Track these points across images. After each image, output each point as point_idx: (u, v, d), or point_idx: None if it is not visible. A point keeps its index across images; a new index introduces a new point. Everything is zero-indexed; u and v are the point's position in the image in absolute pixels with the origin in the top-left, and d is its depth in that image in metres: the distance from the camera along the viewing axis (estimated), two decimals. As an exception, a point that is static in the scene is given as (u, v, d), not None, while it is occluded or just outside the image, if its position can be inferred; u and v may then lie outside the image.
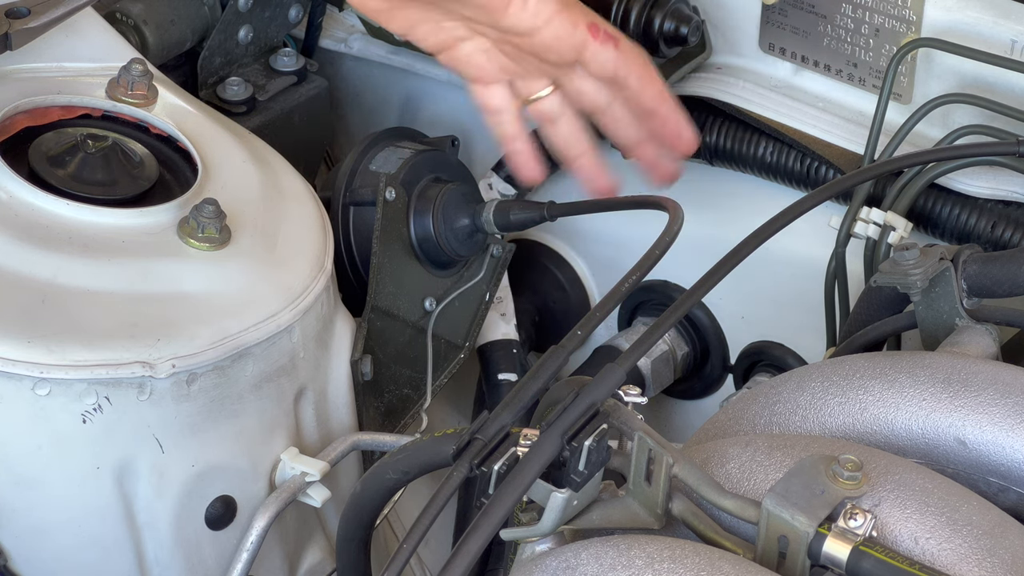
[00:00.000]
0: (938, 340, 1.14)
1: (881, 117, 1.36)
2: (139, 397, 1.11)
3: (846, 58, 1.42)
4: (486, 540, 0.83)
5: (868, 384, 1.03)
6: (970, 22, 1.35)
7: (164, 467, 1.14)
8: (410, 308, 1.40)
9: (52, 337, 1.10)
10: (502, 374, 1.54)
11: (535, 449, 0.87)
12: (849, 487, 0.87)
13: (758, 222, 1.02)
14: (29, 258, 1.13)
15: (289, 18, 1.55)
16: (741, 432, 1.05)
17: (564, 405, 0.89)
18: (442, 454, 0.99)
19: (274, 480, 1.21)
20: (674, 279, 1.56)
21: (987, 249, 1.28)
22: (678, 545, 0.87)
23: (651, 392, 1.56)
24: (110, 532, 1.15)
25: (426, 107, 1.70)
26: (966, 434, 0.99)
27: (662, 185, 1.39)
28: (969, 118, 1.35)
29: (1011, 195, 1.36)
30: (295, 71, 1.53)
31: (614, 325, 1.62)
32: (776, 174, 1.47)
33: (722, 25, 1.48)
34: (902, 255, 1.13)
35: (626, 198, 1.32)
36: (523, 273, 1.62)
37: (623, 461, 0.93)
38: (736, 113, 1.46)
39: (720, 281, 0.98)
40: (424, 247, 1.41)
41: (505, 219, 1.42)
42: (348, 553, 1.12)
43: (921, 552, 0.88)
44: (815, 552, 0.86)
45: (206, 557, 1.19)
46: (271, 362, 1.18)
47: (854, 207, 1.36)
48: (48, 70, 1.31)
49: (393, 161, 1.44)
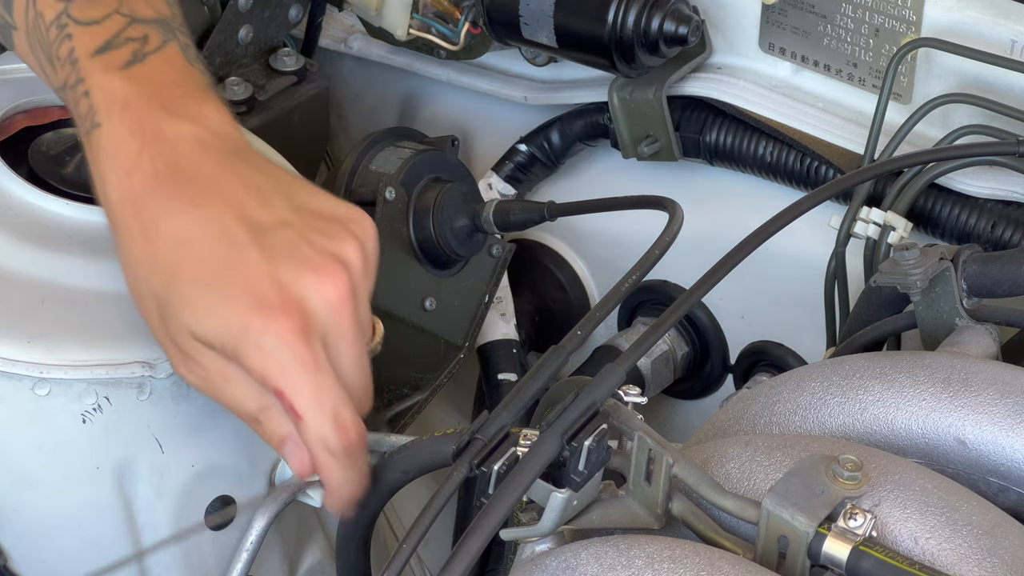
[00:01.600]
0: (938, 340, 1.14)
1: (881, 117, 1.36)
2: (139, 397, 1.11)
3: (846, 58, 1.42)
4: (486, 540, 0.83)
5: (868, 384, 1.03)
6: (970, 22, 1.35)
7: (164, 467, 1.14)
8: (410, 308, 1.40)
9: (52, 337, 1.10)
10: (502, 374, 1.54)
11: (535, 449, 0.87)
12: (849, 487, 0.87)
13: (758, 222, 1.02)
14: (29, 258, 1.13)
15: (289, 18, 1.55)
16: (741, 432, 1.05)
17: (564, 405, 0.89)
18: (442, 454, 0.99)
19: (274, 480, 1.21)
20: (674, 279, 1.56)
21: (987, 249, 1.28)
22: (678, 545, 0.87)
23: (651, 392, 1.56)
24: (110, 532, 1.14)
25: (426, 107, 1.70)
26: (966, 434, 0.99)
27: None
28: (969, 118, 1.35)
29: (1011, 195, 1.36)
30: (295, 71, 1.53)
31: (614, 325, 1.62)
32: (776, 174, 1.47)
33: (722, 25, 1.48)
34: (902, 255, 1.13)
35: (626, 198, 1.32)
36: (523, 273, 1.62)
37: (623, 461, 0.93)
38: (736, 113, 1.46)
39: (720, 281, 0.98)
40: (424, 247, 1.41)
41: (505, 219, 1.42)
42: (348, 553, 1.12)
43: (921, 552, 0.88)
44: (815, 552, 0.86)
45: (206, 557, 1.19)
46: (271, 362, 1.18)
47: (854, 207, 1.36)
48: (48, 70, 1.31)
49: (393, 161, 1.44)
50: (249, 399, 1.03)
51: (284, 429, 1.03)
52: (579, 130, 1.57)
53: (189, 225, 1.02)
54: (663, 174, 1.54)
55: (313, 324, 1.00)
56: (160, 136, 1.04)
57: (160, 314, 1.03)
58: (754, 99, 1.46)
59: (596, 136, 1.56)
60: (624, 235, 1.56)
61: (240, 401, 1.03)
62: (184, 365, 1.04)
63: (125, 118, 1.05)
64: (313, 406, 1.01)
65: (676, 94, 1.48)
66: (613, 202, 1.37)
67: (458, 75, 1.62)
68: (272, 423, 1.04)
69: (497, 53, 1.58)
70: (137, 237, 1.03)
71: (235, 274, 1.01)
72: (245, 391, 1.03)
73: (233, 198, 1.03)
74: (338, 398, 1.02)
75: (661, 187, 1.52)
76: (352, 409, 1.02)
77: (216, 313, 1.00)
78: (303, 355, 1.00)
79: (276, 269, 1.00)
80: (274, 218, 1.03)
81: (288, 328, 0.99)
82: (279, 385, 1.00)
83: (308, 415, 1.01)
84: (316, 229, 1.03)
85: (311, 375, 1.00)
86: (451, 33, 1.52)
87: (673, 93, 1.47)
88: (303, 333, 1.00)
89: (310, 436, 1.02)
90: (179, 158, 1.04)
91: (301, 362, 1.00)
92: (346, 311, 1.01)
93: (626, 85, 1.46)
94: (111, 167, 1.04)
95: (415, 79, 1.66)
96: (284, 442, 1.04)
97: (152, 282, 1.03)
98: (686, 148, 1.50)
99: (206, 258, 1.01)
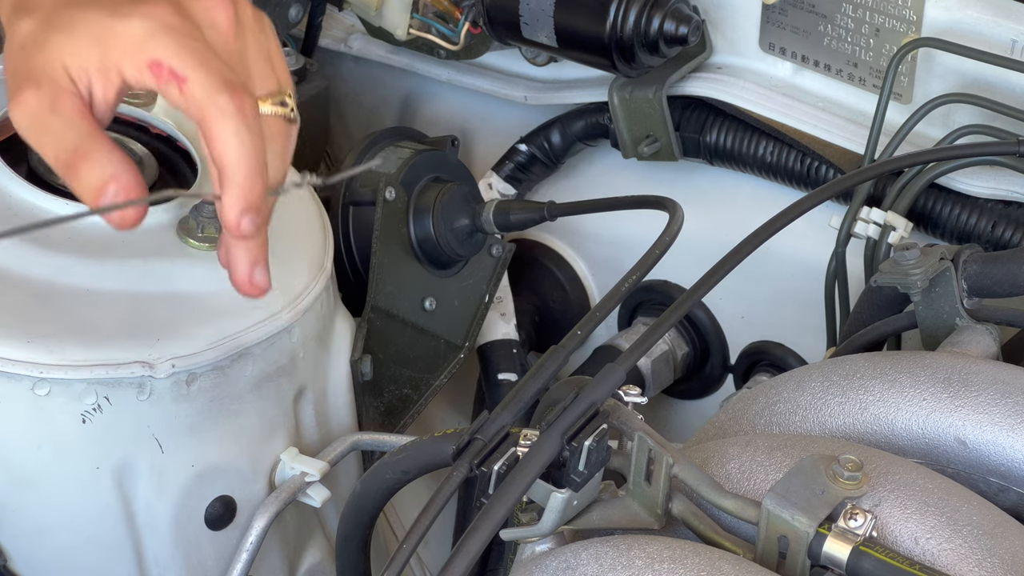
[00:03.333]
0: (938, 340, 1.14)
1: (881, 117, 1.36)
2: (139, 397, 1.11)
3: (846, 58, 1.42)
4: (486, 540, 0.83)
5: (868, 384, 1.03)
6: (970, 22, 1.35)
7: (164, 467, 1.14)
8: (410, 308, 1.40)
9: (52, 337, 1.10)
10: (502, 374, 1.54)
11: (535, 449, 0.86)
12: (849, 487, 0.87)
13: (758, 222, 1.02)
14: (29, 258, 1.13)
15: (289, 18, 1.55)
16: (741, 432, 1.05)
17: (564, 405, 0.89)
18: (442, 454, 0.99)
19: (274, 480, 1.21)
20: (674, 279, 1.56)
21: (987, 249, 1.28)
22: (678, 545, 0.87)
23: (651, 392, 1.56)
24: (110, 532, 1.14)
25: (426, 107, 1.70)
26: (966, 434, 0.99)
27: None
28: (969, 118, 1.35)
29: (1011, 195, 1.36)
30: (295, 71, 1.53)
31: (614, 325, 1.62)
32: (776, 174, 1.47)
33: (722, 25, 1.48)
34: (902, 255, 1.13)
35: (626, 198, 1.31)
36: (523, 273, 1.62)
37: (623, 461, 0.93)
38: (736, 113, 1.46)
39: (720, 281, 0.98)
40: (424, 247, 1.41)
41: (505, 219, 1.42)
42: (348, 553, 1.12)
43: (921, 552, 0.88)
44: (815, 552, 0.86)
45: (206, 557, 1.19)
46: (271, 362, 1.18)
47: (854, 207, 1.36)
48: (48, 70, 1.31)
49: (393, 161, 1.44)
50: (70, 136, 0.94)
51: (106, 171, 0.94)
52: (579, 130, 1.57)
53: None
54: (663, 174, 1.54)
55: (191, 16, 0.95)
56: None
57: (32, 38, 0.95)
58: (754, 99, 1.46)
59: (596, 136, 1.56)
60: (624, 235, 1.56)
61: (61, 136, 0.94)
62: (19, 95, 0.94)
63: None
64: (196, 64, 0.93)
65: (676, 94, 1.48)
66: (613, 202, 1.36)
67: (458, 75, 1.62)
68: (91, 166, 0.94)
69: (497, 53, 1.58)
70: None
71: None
72: (70, 127, 0.94)
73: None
74: (227, 66, 0.94)
75: (661, 187, 1.52)
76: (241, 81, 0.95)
77: (84, 18, 0.94)
78: (180, 25, 0.94)
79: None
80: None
81: (159, 7, 0.94)
82: (152, 54, 0.93)
83: (192, 72, 0.93)
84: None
85: (190, 41, 0.93)
86: (451, 33, 1.52)
87: (673, 93, 1.47)
88: (178, 12, 0.94)
89: (196, 93, 0.93)
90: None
91: (177, 30, 0.93)
92: (228, 21, 0.96)
93: (626, 85, 1.46)
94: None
95: (415, 79, 1.66)
96: (106, 187, 0.94)
97: (28, 27, 0.96)
98: (686, 148, 1.50)
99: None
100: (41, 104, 0.94)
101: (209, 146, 0.94)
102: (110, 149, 0.95)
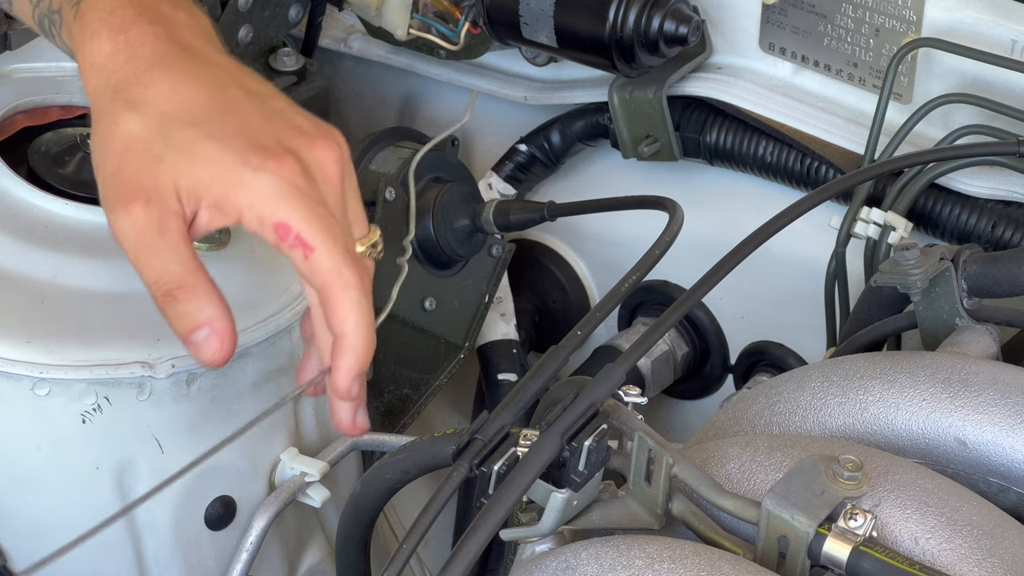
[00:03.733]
0: (938, 340, 1.14)
1: (881, 117, 1.36)
2: (139, 397, 1.11)
3: (846, 58, 1.42)
4: (486, 540, 0.83)
5: (868, 384, 1.03)
6: (970, 22, 1.35)
7: (164, 467, 1.14)
8: (410, 308, 1.40)
9: (52, 337, 1.09)
10: (502, 374, 1.54)
11: (535, 449, 0.86)
12: (849, 487, 0.87)
13: (758, 222, 1.02)
14: (29, 258, 1.13)
15: (289, 18, 1.55)
16: (741, 432, 1.05)
17: (564, 405, 0.89)
18: (442, 454, 0.99)
19: (274, 480, 1.21)
20: (674, 279, 1.56)
21: (987, 249, 1.28)
22: (678, 545, 0.87)
23: (651, 392, 1.56)
24: (110, 532, 1.14)
25: (426, 107, 1.70)
26: (966, 434, 0.99)
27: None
28: (969, 118, 1.35)
29: (1011, 195, 1.36)
30: (295, 71, 1.53)
31: (614, 325, 1.62)
32: (776, 174, 1.47)
33: (722, 25, 1.48)
34: (902, 255, 1.13)
35: (626, 198, 1.32)
36: (523, 273, 1.62)
37: (623, 461, 0.93)
38: (736, 113, 1.46)
39: (720, 281, 0.98)
40: (424, 247, 1.42)
41: (505, 219, 1.42)
42: (348, 553, 1.12)
43: (921, 552, 0.88)
44: (815, 552, 0.86)
45: (206, 557, 1.18)
46: (271, 362, 1.18)
47: (854, 207, 1.36)
48: (48, 70, 1.31)
49: (393, 161, 1.44)
50: (175, 266, 0.95)
51: (204, 314, 0.96)
52: (579, 130, 1.57)
53: (184, 77, 0.97)
54: (663, 174, 1.54)
55: (311, 172, 0.96)
56: (157, 11, 1.00)
57: (145, 146, 0.95)
58: (754, 99, 1.46)
59: (596, 136, 1.56)
60: (624, 235, 1.56)
61: (166, 264, 0.95)
62: (128, 206, 0.95)
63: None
64: (324, 236, 0.94)
65: (676, 94, 1.48)
66: (613, 202, 1.37)
67: (458, 75, 1.62)
68: (192, 303, 0.96)
69: (497, 53, 1.58)
70: (131, 82, 0.97)
71: (232, 120, 0.96)
72: (175, 256, 0.95)
73: (229, 68, 0.99)
74: (346, 232, 0.96)
75: (661, 187, 1.52)
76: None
77: (209, 150, 0.94)
78: (307, 189, 0.95)
79: (272, 125, 0.96)
80: (269, 91, 1.00)
81: (287, 166, 0.95)
82: (281, 216, 0.94)
83: (320, 245, 0.94)
84: (304, 116, 1.00)
85: (317, 207, 0.94)
86: (451, 33, 1.52)
87: (673, 93, 1.47)
88: (303, 172, 0.95)
89: (323, 265, 0.94)
90: (175, 31, 0.99)
91: (305, 194, 0.94)
92: (338, 172, 0.97)
93: (626, 85, 1.46)
94: (104, 23, 0.99)
95: (415, 79, 1.66)
96: (199, 327, 0.96)
97: (137, 129, 0.96)
98: (686, 148, 1.50)
99: (203, 105, 0.96)
100: (150, 222, 0.95)
101: (329, 315, 0.96)
102: (210, 288, 0.96)
